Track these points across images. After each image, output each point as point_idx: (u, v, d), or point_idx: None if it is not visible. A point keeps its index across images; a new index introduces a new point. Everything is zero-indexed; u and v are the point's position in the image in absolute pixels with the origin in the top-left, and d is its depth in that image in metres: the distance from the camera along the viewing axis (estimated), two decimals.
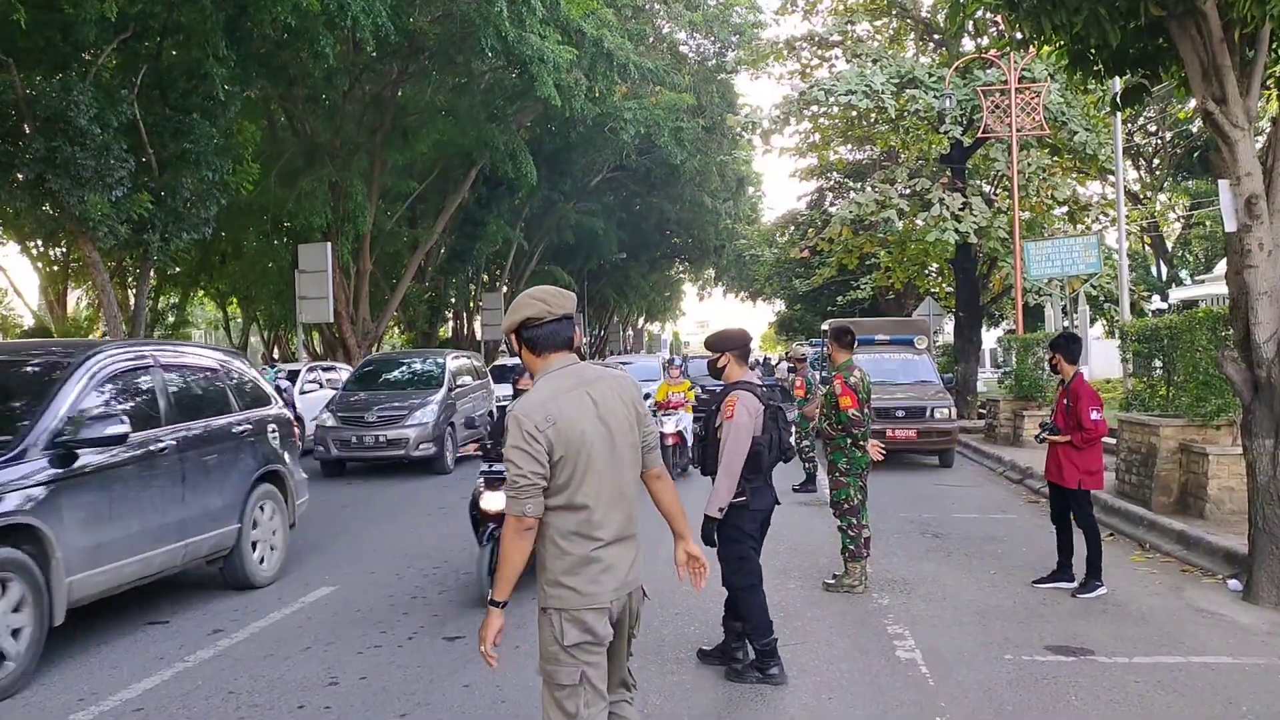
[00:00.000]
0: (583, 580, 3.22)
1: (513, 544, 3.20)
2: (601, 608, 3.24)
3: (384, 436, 15.14)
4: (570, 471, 3.20)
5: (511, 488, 3.17)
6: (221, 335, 49.08)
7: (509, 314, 3.40)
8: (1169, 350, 10.99)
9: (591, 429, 3.24)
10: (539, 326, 3.32)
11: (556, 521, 3.23)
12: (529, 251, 39.04)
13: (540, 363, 3.36)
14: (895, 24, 27.19)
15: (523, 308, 3.35)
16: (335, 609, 7.36)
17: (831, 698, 5.41)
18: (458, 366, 17.60)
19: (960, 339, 24.47)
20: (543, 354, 3.36)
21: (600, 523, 3.25)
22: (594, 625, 3.22)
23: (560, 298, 3.37)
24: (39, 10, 14.45)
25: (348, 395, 16.55)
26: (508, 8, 19.66)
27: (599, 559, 3.24)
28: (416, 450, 15.11)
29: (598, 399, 3.30)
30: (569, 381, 3.29)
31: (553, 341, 3.34)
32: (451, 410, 16.16)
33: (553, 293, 3.38)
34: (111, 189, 15.17)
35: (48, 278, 29.07)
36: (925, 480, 14.21)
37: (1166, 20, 6.97)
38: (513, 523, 3.19)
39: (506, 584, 3.23)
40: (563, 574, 3.23)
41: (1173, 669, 5.78)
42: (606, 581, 3.26)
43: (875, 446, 7.84)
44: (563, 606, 3.22)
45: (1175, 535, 9.00)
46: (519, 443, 3.15)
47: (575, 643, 3.21)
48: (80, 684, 5.76)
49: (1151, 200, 37.28)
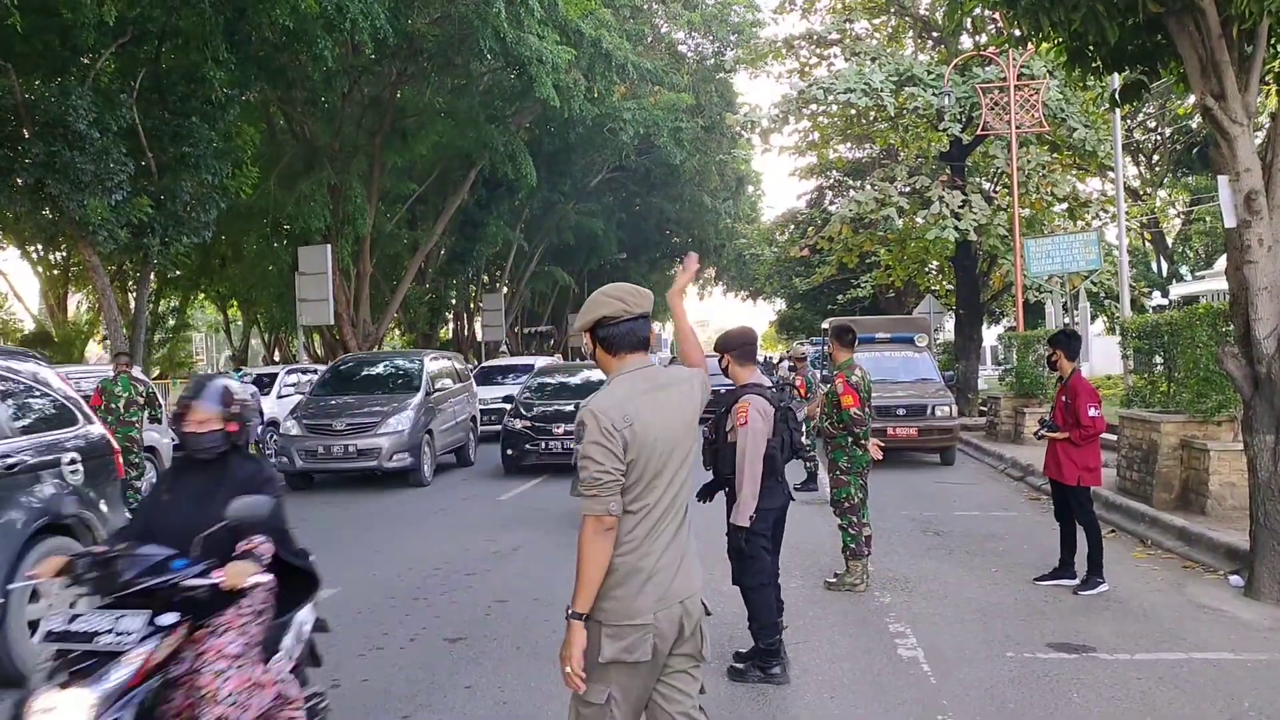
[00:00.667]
0: (628, 592, 3.04)
1: (594, 546, 3.00)
2: (644, 624, 3.03)
3: (354, 446, 13.90)
4: (638, 475, 3.05)
5: (591, 485, 3.00)
6: (222, 338, 49.13)
7: (584, 311, 3.25)
8: (1169, 346, 10.99)
9: (663, 435, 3.11)
10: (615, 325, 3.19)
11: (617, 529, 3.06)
12: (529, 252, 39.05)
13: (615, 362, 3.22)
14: (893, 22, 27.21)
15: (599, 306, 3.21)
16: (336, 611, 7.33)
17: (833, 696, 5.41)
18: (437, 368, 16.34)
19: (961, 336, 24.47)
20: (618, 353, 3.21)
21: (654, 532, 3.10)
22: (633, 643, 3.02)
23: (637, 296, 3.24)
24: (37, 15, 14.47)
25: (315, 401, 15.31)
26: (506, 9, 19.68)
27: (643, 569, 3.06)
28: (390, 461, 13.88)
29: (671, 404, 3.19)
30: (645, 384, 3.16)
31: (629, 341, 3.21)
32: (430, 416, 15.02)
33: (630, 290, 3.25)
34: (111, 193, 15.18)
35: (48, 282, 29.10)
36: (926, 478, 14.21)
37: (1164, 17, 6.97)
38: (592, 523, 3.00)
39: (589, 592, 3.00)
40: (611, 585, 3.03)
41: (1175, 665, 5.78)
42: (650, 593, 3.06)
43: (874, 445, 7.86)
44: (603, 619, 3.03)
45: (1177, 531, 9.00)
46: (597, 438, 2.99)
47: (610, 660, 3.02)
48: None
49: (1151, 196, 37.23)
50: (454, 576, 8.39)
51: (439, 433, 15.21)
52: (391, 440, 13.95)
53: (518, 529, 10.61)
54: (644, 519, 3.08)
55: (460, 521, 11.28)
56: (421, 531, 10.79)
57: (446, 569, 8.69)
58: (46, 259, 28.53)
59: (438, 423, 15.21)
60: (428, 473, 14.60)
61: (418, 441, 14.34)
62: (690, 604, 3.17)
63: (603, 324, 3.20)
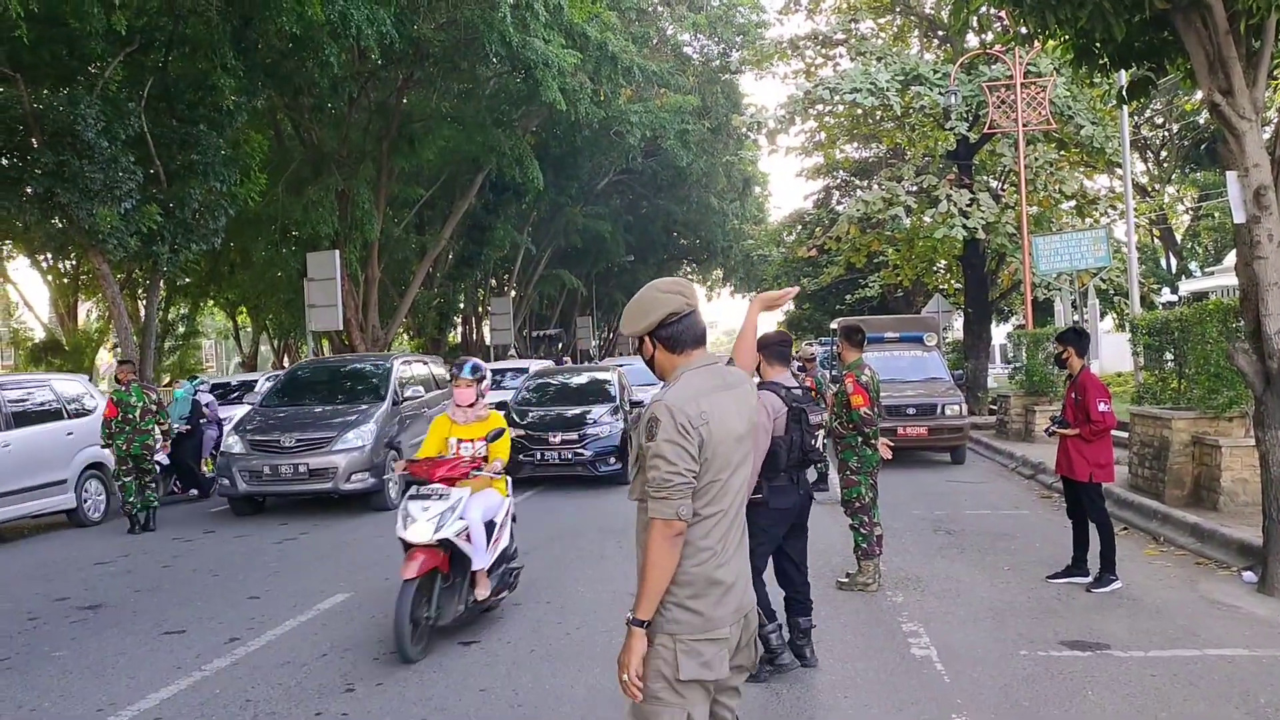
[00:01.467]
0: (706, 604, 2.85)
1: (662, 552, 2.80)
2: (722, 638, 2.87)
3: (306, 466, 12.10)
4: (712, 477, 2.87)
5: (661, 487, 2.78)
6: (231, 345, 49.25)
7: (643, 311, 3.01)
8: (1180, 343, 10.97)
9: (732, 436, 2.93)
10: (678, 321, 2.97)
11: (690, 534, 2.85)
12: (536, 256, 39.09)
13: (680, 360, 3.00)
14: (899, 21, 27.22)
15: (661, 303, 2.99)
16: (350, 615, 7.39)
17: (847, 696, 5.41)
18: (409, 374, 14.54)
19: (970, 335, 24.42)
20: (683, 350, 3.00)
21: (728, 536, 2.93)
22: (711, 659, 2.84)
23: (690, 288, 3.05)
24: (45, 25, 14.55)
25: (264, 413, 13.53)
26: (511, 13, 19.71)
27: (721, 580, 2.88)
28: (348, 482, 12.11)
29: (737, 404, 3.00)
30: (714, 380, 2.98)
31: (692, 335, 3.00)
32: (398, 429, 13.31)
33: (682, 283, 3.05)
34: (120, 201, 15.25)
35: (58, 291, 29.21)
36: (937, 477, 14.19)
37: (1171, 13, 6.96)
38: (660, 528, 2.79)
39: (652, 600, 2.81)
40: (688, 598, 2.84)
41: (1189, 662, 5.76)
42: (728, 604, 2.89)
43: (884, 444, 7.86)
44: (679, 633, 2.83)
45: (1189, 528, 8.97)
46: (672, 436, 2.78)
47: (690, 678, 2.81)
48: (98, 694, 5.79)
49: (1159, 193, 37.16)
50: None
51: (409, 448, 12.96)
52: (349, 458, 12.17)
53: (529, 532, 10.61)
54: (718, 525, 2.90)
55: None
56: None
57: None
58: (56, 268, 28.64)
59: (408, 436, 13.29)
60: (394, 494, 12.46)
61: (381, 459, 12.51)
62: (750, 615, 3.04)
63: (666, 322, 2.98)
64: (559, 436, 13.95)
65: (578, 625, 6.86)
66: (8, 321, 37.53)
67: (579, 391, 15.87)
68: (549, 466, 13.92)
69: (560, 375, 16.96)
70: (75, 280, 29.04)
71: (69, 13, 14.56)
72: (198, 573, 9.10)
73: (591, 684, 5.65)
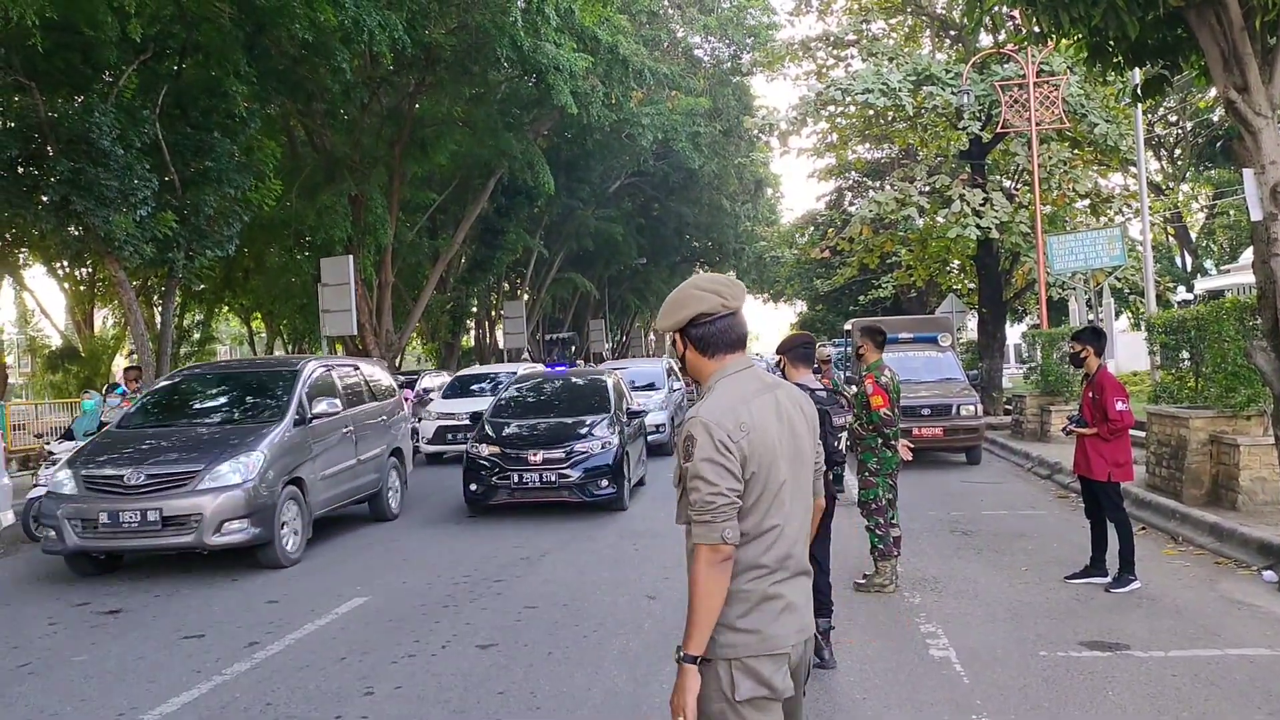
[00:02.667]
0: (762, 621, 2.68)
1: (710, 579, 2.61)
2: (781, 654, 2.69)
3: (158, 512, 8.81)
4: (761, 489, 2.68)
5: (703, 510, 2.61)
6: (246, 350, 49.43)
7: (673, 308, 2.87)
8: (1196, 341, 10.93)
9: (785, 441, 2.77)
10: (711, 322, 2.80)
11: (740, 553, 2.67)
12: (549, 259, 39.14)
13: (713, 365, 2.83)
14: (910, 22, 27.18)
15: (690, 302, 2.83)
16: (369, 619, 7.41)
17: (865, 697, 5.40)
18: (326, 381, 11.08)
19: (984, 335, 24.36)
20: (715, 355, 2.82)
21: (787, 551, 2.74)
22: (771, 677, 2.66)
23: (733, 288, 2.84)
24: (59, 33, 14.64)
25: (114, 437, 10.15)
26: (522, 17, 19.76)
27: (780, 595, 2.71)
28: (218, 535, 8.86)
29: (782, 407, 2.82)
30: (754, 385, 2.80)
31: (726, 339, 2.82)
32: (301, 456, 10.03)
33: (725, 282, 2.86)
34: (136, 208, 15.32)
35: (74, 298, 29.36)
36: (953, 478, 14.16)
37: (1185, 10, 6.95)
38: (706, 554, 2.61)
39: (705, 632, 2.61)
40: (739, 617, 2.66)
41: (1210, 662, 5.74)
42: (789, 622, 2.72)
43: (904, 446, 7.84)
44: (734, 655, 2.65)
45: (1208, 527, 8.93)
46: (710, 454, 2.62)
47: (749, 698, 2.64)
48: (119, 698, 5.82)
49: (1174, 191, 36.99)
50: (482, 583, 8.42)
51: (319, 481, 10.26)
52: (220, 500, 8.91)
53: (546, 534, 10.63)
54: (778, 541, 2.72)
55: (486, 527, 11.30)
56: (448, 538, 10.83)
57: (475, 576, 8.72)
58: (72, 275, 28.79)
59: (318, 466, 10.28)
60: (291, 547, 9.57)
61: (271, 501, 9.27)
62: (810, 640, 2.88)
63: (696, 322, 2.81)
64: (540, 454, 11.63)
65: (594, 628, 6.86)
66: (25, 329, 37.74)
67: (567, 399, 13.75)
68: (528, 491, 11.62)
69: (545, 381, 14.87)
70: (91, 287, 29.19)
71: (83, 21, 14.65)
72: (215, 577, 9.13)
73: (609, 687, 5.66)
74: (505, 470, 11.62)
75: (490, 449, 11.88)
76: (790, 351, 6.04)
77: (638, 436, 13.81)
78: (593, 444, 11.82)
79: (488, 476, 11.68)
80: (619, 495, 11.82)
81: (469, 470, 11.92)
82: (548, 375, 15.55)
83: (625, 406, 13.56)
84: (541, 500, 11.75)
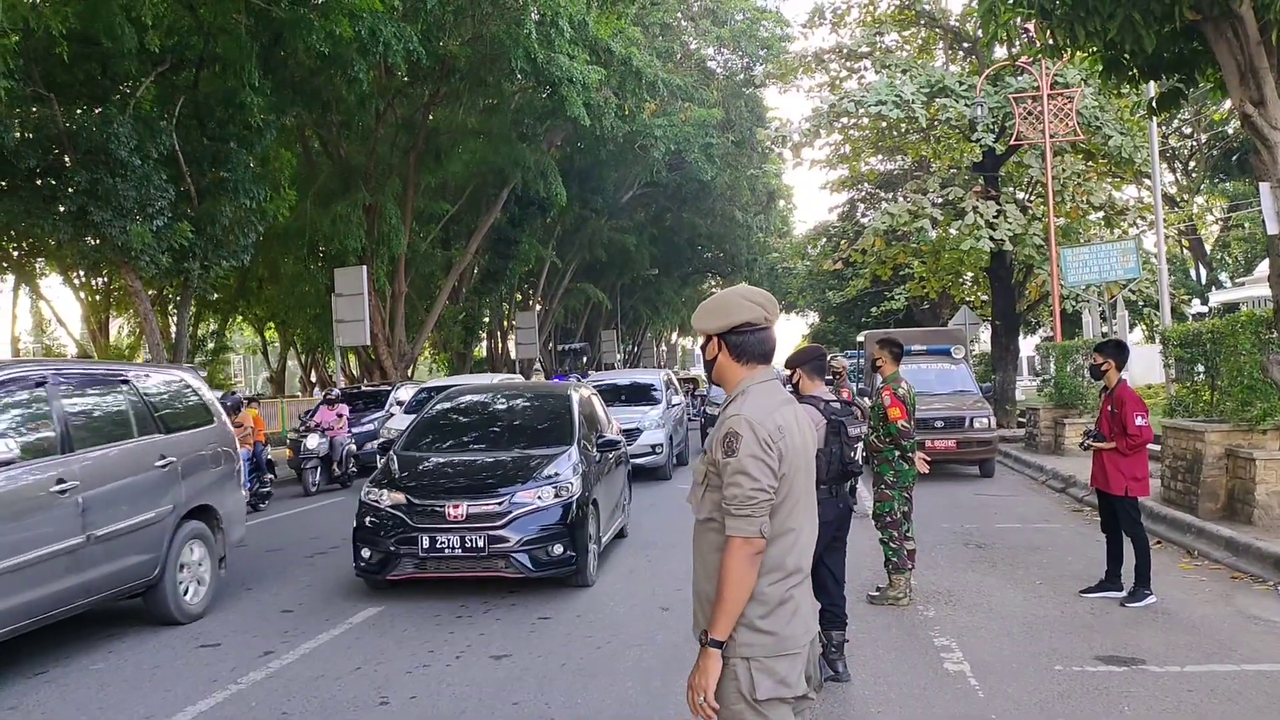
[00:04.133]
0: (779, 622, 2.81)
1: (742, 570, 2.75)
2: (796, 653, 2.82)
3: None
4: (788, 492, 2.83)
5: (744, 505, 2.75)
6: (260, 360, 49.63)
7: (719, 312, 2.99)
8: (1212, 355, 10.89)
9: (803, 452, 2.93)
10: (751, 332, 2.95)
11: (765, 554, 2.81)
12: (561, 269, 39.25)
13: (744, 372, 2.97)
14: (924, 34, 27.23)
15: (738, 309, 2.96)
16: (382, 629, 7.42)
17: (880, 710, 5.39)
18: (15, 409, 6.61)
19: (997, 347, 24.32)
20: (748, 363, 2.98)
21: (802, 555, 2.89)
22: (787, 675, 2.79)
23: (772, 305, 3.00)
24: (78, 43, 14.78)
25: None
26: (536, 29, 19.86)
27: (792, 598, 2.85)
28: None
29: (802, 420, 2.99)
30: (779, 396, 2.97)
31: (761, 350, 2.98)
32: None
33: (767, 298, 3.01)
34: (153, 219, 15.44)
35: (90, 307, 29.56)
36: (966, 490, 14.11)
37: (1202, 24, 6.95)
38: (741, 545, 2.75)
39: (730, 619, 2.76)
40: (759, 618, 2.79)
41: (1226, 677, 5.71)
42: (799, 624, 2.85)
43: (921, 459, 7.82)
44: (752, 655, 2.78)
45: (1224, 542, 8.89)
46: (755, 451, 2.76)
47: (768, 697, 2.76)
48: (135, 706, 5.84)
49: (1188, 203, 36.88)
50: (495, 594, 8.42)
51: None
52: None
53: None
54: (796, 544, 2.87)
55: None
56: None
57: (489, 587, 8.71)
58: (89, 284, 29.00)
59: None
60: None
61: None
62: (816, 640, 3.01)
63: (739, 330, 2.96)
64: (462, 506, 8.08)
65: (608, 639, 6.87)
66: (41, 338, 37.98)
67: (513, 425, 9.98)
68: (443, 561, 8.06)
69: (490, 396, 11.00)
70: (107, 296, 29.40)
71: (102, 32, 14.78)
72: (230, 586, 9.16)
73: (624, 699, 5.66)
74: (410, 529, 8.08)
75: (391, 497, 8.34)
76: (806, 364, 6.05)
77: (614, 471, 10.34)
78: (541, 491, 8.31)
79: (386, 538, 8.16)
80: (577, 564, 8.32)
81: (361, 531, 8.38)
82: (497, 389, 11.60)
83: (596, 434, 10.03)
84: (464, 575, 8.28)
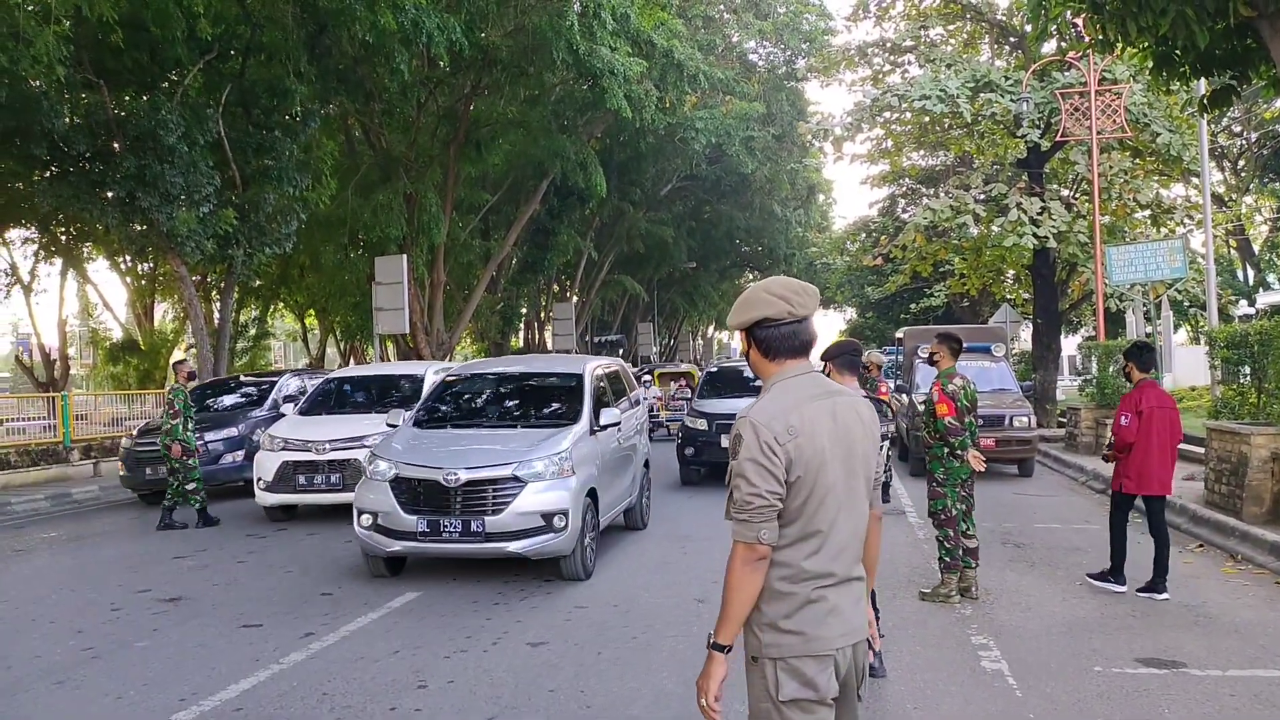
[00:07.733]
0: (806, 622, 2.74)
1: (742, 576, 2.72)
2: (825, 655, 2.74)
3: None
4: (806, 494, 2.74)
5: (742, 509, 2.71)
6: (300, 347, 50.15)
7: (741, 309, 2.93)
8: (1259, 356, 10.73)
9: (838, 446, 2.81)
10: (776, 327, 2.87)
11: (783, 555, 2.75)
12: (599, 261, 39.29)
13: (774, 368, 2.90)
14: (969, 28, 26.97)
15: (758, 305, 2.89)
16: (420, 614, 7.50)
17: (917, 707, 5.37)
18: None
19: (1039, 346, 24.06)
20: (777, 358, 2.89)
21: (833, 557, 2.79)
22: (815, 677, 2.72)
23: (804, 295, 2.89)
24: (128, 31, 15.00)
25: None
26: (579, 21, 19.88)
27: (823, 599, 2.76)
28: None
29: (838, 414, 2.85)
30: (809, 390, 2.85)
31: (790, 345, 2.88)
32: None
33: (796, 288, 2.89)
34: (198, 205, 15.66)
35: (135, 292, 29.97)
36: (1005, 490, 14.00)
37: (1257, 21, 6.84)
38: (743, 552, 2.72)
39: (733, 625, 2.75)
40: (783, 618, 2.74)
41: (1270, 683, 5.64)
42: (833, 625, 2.77)
43: (976, 457, 7.54)
44: (779, 655, 2.74)
45: (1269, 546, 8.76)
46: (755, 455, 2.70)
47: (792, 698, 2.71)
48: (180, 684, 5.95)
49: (1237, 203, 36.27)
50: (532, 582, 8.48)
51: None
52: None
53: None
54: (823, 546, 2.78)
55: None
56: None
57: (524, 575, 8.78)
58: (135, 269, 29.41)
59: None
60: None
61: None
62: (861, 645, 2.91)
63: (762, 325, 2.88)
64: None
65: (644, 629, 6.89)
66: (87, 321, 38.55)
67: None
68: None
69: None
70: (153, 282, 29.78)
71: (152, 20, 14.99)
72: (272, 569, 9.29)
73: (658, 688, 5.68)
74: None
75: None
76: (837, 359, 5.96)
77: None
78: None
79: None
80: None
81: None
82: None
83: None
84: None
